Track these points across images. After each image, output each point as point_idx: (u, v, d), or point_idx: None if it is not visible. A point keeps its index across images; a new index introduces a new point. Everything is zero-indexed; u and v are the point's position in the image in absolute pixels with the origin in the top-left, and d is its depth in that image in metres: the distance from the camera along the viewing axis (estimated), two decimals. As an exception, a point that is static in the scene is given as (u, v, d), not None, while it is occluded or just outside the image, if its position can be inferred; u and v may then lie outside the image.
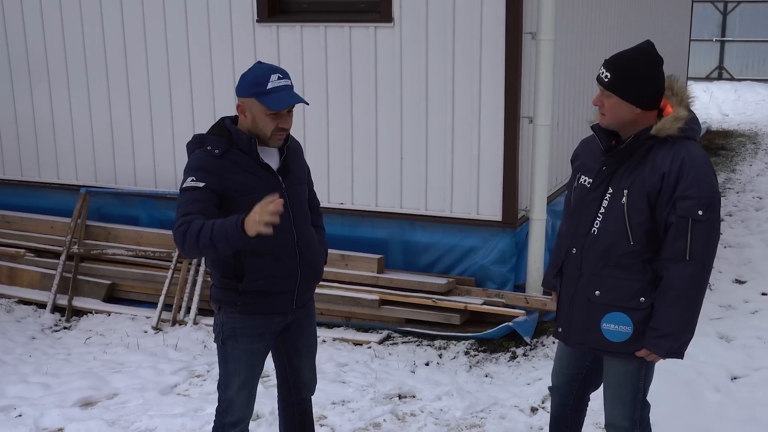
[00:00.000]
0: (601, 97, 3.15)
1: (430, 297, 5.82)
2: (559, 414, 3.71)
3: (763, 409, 4.56)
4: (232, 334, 3.35)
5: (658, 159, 3.08)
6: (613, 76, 3.08)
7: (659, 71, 3.11)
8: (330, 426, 4.56)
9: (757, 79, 20.89)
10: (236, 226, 2.93)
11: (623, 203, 3.13)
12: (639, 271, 3.18)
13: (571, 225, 3.35)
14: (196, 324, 6.03)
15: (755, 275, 6.84)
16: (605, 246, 3.19)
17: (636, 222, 3.12)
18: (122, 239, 6.71)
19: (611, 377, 3.40)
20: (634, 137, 3.11)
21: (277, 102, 3.20)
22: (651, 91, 3.10)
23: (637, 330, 3.19)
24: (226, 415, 3.43)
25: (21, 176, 7.31)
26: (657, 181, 3.06)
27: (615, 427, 3.45)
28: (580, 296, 3.29)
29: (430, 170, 5.97)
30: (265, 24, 6.16)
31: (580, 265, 3.28)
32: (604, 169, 3.20)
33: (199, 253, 3.08)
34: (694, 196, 3.03)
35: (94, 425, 4.54)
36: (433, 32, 5.76)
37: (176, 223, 3.11)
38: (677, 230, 3.05)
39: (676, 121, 3.08)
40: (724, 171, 10.73)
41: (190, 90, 6.51)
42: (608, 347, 3.26)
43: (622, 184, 3.15)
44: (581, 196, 3.29)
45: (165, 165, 6.70)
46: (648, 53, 3.10)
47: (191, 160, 3.24)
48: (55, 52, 6.91)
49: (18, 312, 6.41)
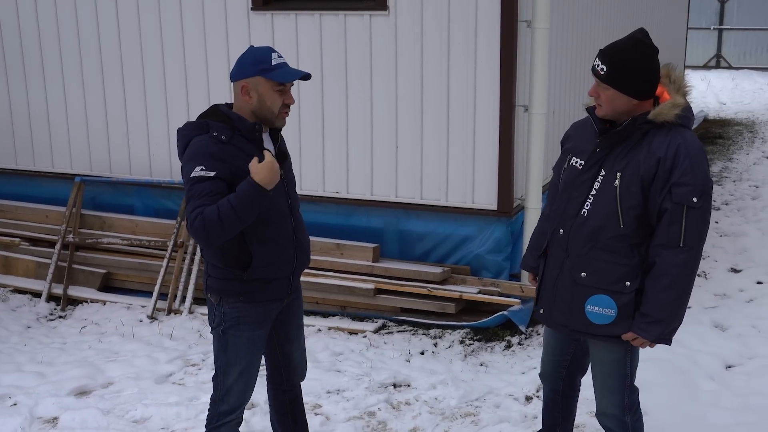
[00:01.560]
0: (597, 88, 3.14)
1: (425, 286, 5.82)
2: (550, 400, 3.74)
3: (757, 398, 4.57)
4: (235, 323, 3.34)
5: (654, 144, 3.08)
6: (609, 68, 3.07)
7: (655, 62, 3.11)
8: (325, 415, 4.56)
9: (754, 67, 20.88)
10: (251, 186, 3.05)
11: (616, 186, 3.13)
12: (627, 255, 3.17)
13: (559, 206, 3.34)
14: (192, 313, 6.03)
15: (751, 264, 6.84)
16: (594, 228, 3.19)
17: (627, 205, 3.12)
18: (117, 228, 6.70)
19: (598, 367, 3.42)
20: (630, 121, 3.11)
21: (285, 74, 3.21)
22: (647, 82, 3.10)
23: (621, 313, 3.20)
24: (222, 403, 3.44)
25: (15, 165, 7.29)
26: (652, 165, 3.06)
27: (606, 416, 3.48)
28: (565, 277, 3.30)
29: (425, 159, 5.96)
30: (259, 12, 6.13)
31: (567, 247, 3.28)
32: (598, 151, 3.20)
33: (225, 235, 3.11)
34: (690, 183, 3.03)
35: (89, 414, 4.54)
36: (429, 20, 5.74)
37: (190, 217, 3.09)
38: (672, 216, 3.05)
39: (673, 108, 3.09)
40: (720, 160, 10.73)
41: (184, 78, 6.49)
42: (591, 329, 3.27)
43: (615, 167, 3.14)
44: (572, 177, 3.29)
45: (160, 154, 6.69)
46: (643, 44, 3.09)
47: (196, 146, 3.18)
48: (49, 40, 6.88)
49: (13, 301, 6.40)
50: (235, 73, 3.25)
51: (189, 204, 3.12)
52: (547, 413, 3.80)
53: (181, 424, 4.48)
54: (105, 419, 4.51)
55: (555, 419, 3.79)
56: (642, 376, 4.73)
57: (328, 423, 4.48)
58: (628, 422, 3.45)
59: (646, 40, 3.11)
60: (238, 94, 3.24)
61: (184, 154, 3.23)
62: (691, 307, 5.94)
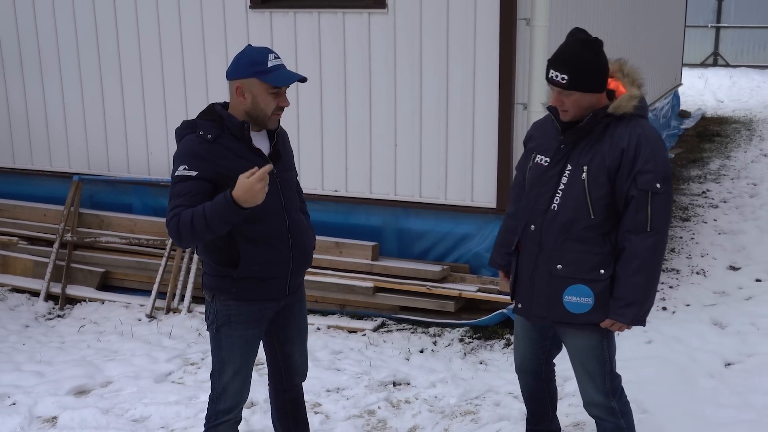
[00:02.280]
0: (560, 97, 3.26)
1: (424, 284, 5.82)
2: (535, 389, 3.83)
3: (756, 396, 4.57)
4: (226, 321, 3.34)
5: (616, 136, 3.23)
6: (569, 76, 3.19)
7: (603, 53, 3.27)
8: (325, 413, 4.56)
9: (752, 65, 20.85)
10: (226, 201, 2.97)
11: (583, 179, 3.26)
12: (598, 244, 3.31)
13: (527, 203, 3.45)
14: (190, 312, 6.02)
15: (749, 261, 6.84)
16: (566, 221, 3.32)
17: (596, 196, 3.26)
18: (115, 227, 6.69)
19: (576, 356, 3.52)
20: (592, 115, 3.25)
21: (281, 78, 3.21)
22: (604, 73, 3.25)
23: (598, 301, 3.32)
24: (219, 402, 3.44)
25: (13, 164, 7.28)
26: (617, 156, 3.21)
27: (592, 405, 3.57)
28: (541, 271, 3.42)
29: (424, 157, 5.95)
30: (258, 10, 6.12)
31: (540, 241, 3.40)
32: (563, 147, 3.33)
33: (197, 240, 3.10)
34: (652, 170, 3.19)
35: (88, 413, 4.54)
36: (427, 18, 5.73)
37: (167, 216, 3.11)
38: (638, 203, 3.20)
39: (631, 100, 3.26)
40: (718, 158, 10.73)
41: (183, 77, 6.48)
42: (570, 319, 3.38)
43: (581, 161, 3.28)
44: (538, 175, 3.40)
45: (158, 152, 6.68)
46: (589, 42, 3.24)
47: (182, 146, 3.20)
48: (47, 38, 6.87)
49: (11, 300, 6.40)
50: (230, 72, 3.24)
51: (169, 202, 3.14)
52: (535, 402, 3.89)
53: (180, 423, 4.48)
54: (104, 418, 4.51)
55: (544, 405, 3.89)
56: (641, 374, 4.76)
57: (328, 421, 4.48)
58: (615, 407, 3.54)
59: (589, 36, 3.25)
60: (233, 93, 3.24)
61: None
62: (690, 305, 5.96)
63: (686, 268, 6.71)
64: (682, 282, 6.42)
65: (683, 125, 13.06)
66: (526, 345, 3.74)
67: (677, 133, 12.39)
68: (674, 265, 6.76)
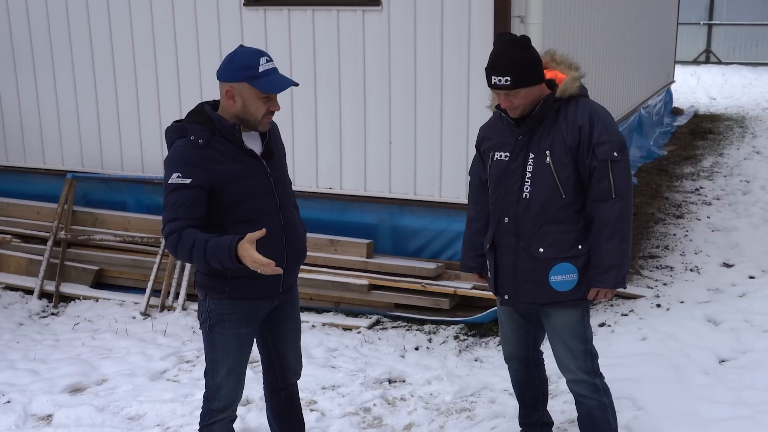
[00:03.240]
0: (507, 98, 3.40)
1: (419, 282, 5.82)
2: (524, 375, 3.92)
3: (750, 392, 4.58)
4: (219, 320, 3.33)
5: (570, 116, 3.42)
6: (512, 77, 3.33)
7: (533, 47, 3.44)
8: (320, 411, 4.56)
9: (744, 62, 20.93)
10: (230, 251, 3.01)
11: (548, 163, 3.43)
12: (573, 221, 3.48)
13: (496, 198, 3.57)
14: (185, 310, 6.02)
15: (743, 258, 6.86)
16: (540, 205, 3.46)
17: (564, 176, 3.42)
18: (109, 225, 6.68)
19: (558, 334, 3.62)
20: (543, 103, 3.41)
21: (272, 85, 3.18)
22: (540, 65, 3.44)
23: (581, 275, 3.48)
24: (214, 401, 3.43)
25: (6, 162, 7.26)
26: (576, 134, 3.40)
27: (576, 382, 3.67)
28: (522, 259, 3.53)
29: (419, 155, 5.95)
30: (252, 8, 6.12)
31: (517, 231, 3.52)
32: (521, 139, 3.47)
33: (191, 262, 3.16)
34: (608, 140, 3.38)
35: (83, 411, 4.53)
36: (422, 15, 5.73)
37: (165, 228, 3.12)
38: (600, 173, 3.39)
39: (574, 81, 3.47)
40: (711, 155, 10.76)
41: (176, 74, 6.46)
42: (558, 298, 3.51)
43: (542, 146, 3.44)
44: (501, 170, 3.54)
45: (152, 150, 6.66)
46: (518, 40, 3.41)
47: (174, 152, 3.17)
48: (39, 36, 6.84)
49: (5, 298, 6.37)
50: (221, 74, 3.20)
51: (165, 212, 3.13)
52: (526, 390, 3.95)
53: (176, 420, 4.48)
54: (100, 416, 4.50)
55: (536, 393, 3.95)
56: (636, 371, 4.78)
57: (324, 419, 4.48)
58: (598, 384, 3.67)
59: (514, 36, 3.44)
60: (223, 95, 3.21)
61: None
62: (684, 302, 5.98)
63: (680, 265, 6.73)
64: (676, 279, 6.44)
65: (676, 122, 13.10)
66: (513, 332, 3.82)
67: (670, 130, 12.42)
68: (668, 262, 6.78)
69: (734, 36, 21.48)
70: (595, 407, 3.68)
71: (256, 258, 2.97)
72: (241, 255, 3.00)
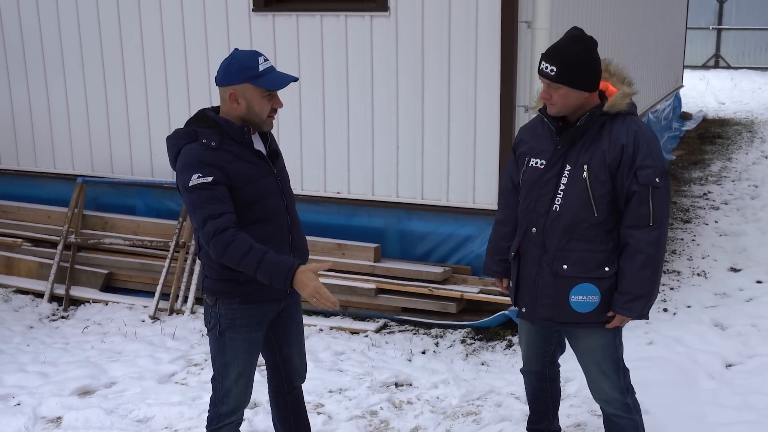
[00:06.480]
0: (548, 89, 3.28)
1: (426, 286, 5.84)
2: (539, 390, 3.88)
3: (757, 397, 4.59)
4: (230, 324, 3.34)
5: (614, 133, 3.27)
6: (558, 68, 3.21)
7: (597, 54, 3.29)
8: (327, 414, 4.58)
9: (753, 67, 20.85)
10: (287, 275, 3.05)
11: (585, 177, 3.29)
12: (602, 242, 3.34)
13: (527, 206, 3.46)
14: (194, 313, 6.05)
15: (750, 263, 6.86)
16: (569, 220, 3.33)
17: (599, 194, 3.28)
18: (119, 229, 6.72)
19: (590, 356, 3.52)
20: (588, 115, 3.27)
21: (275, 82, 3.22)
22: (593, 73, 3.28)
23: (604, 298, 3.35)
24: (222, 405, 3.44)
25: (17, 166, 7.31)
26: (618, 153, 3.25)
27: (608, 402, 3.58)
28: (545, 273, 3.42)
29: (426, 159, 5.98)
30: (260, 13, 6.15)
31: (543, 243, 3.40)
32: (560, 148, 3.35)
33: (232, 266, 3.14)
34: (651, 165, 3.24)
35: (92, 414, 4.56)
36: (429, 21, 5.76)
37: (207, 226, 3.08)
38: (640, 198, 3.24)
39: (624, 98, 3.32)
40: (720, 159, 10.75)
41: (186, 79, 6.50)
42: (576, 318, 3.40)
43: (580, 160, 3.30)
44: (535, 178, 3.42)
45: (161, 154, 6.70)
46: (584, 39, 3.26)
47: (188, 155, 3.19)
48: (51, 41, 6.90)
49: (15, 301, 6.42)
50: (221, 79, 3.23)
51: (198, 212, 3.11)
52: (537, 401, 3.94)
53: (184, 423, 4.51)
54: (108, 419, 4.54)
55: (546, 404, 3.93)
56: (642, 375, 4.78)
57: (331, 422, 4.50)
58: (630, 403, 3.57)
59: (585, 35, 3.28)
60: (226, 100, 3.24)
61: (176, 162, 3.23)
62: (691, 306, 5.98)
63: (687, 269, 6.73)
64: (683, 283, 6.44)
65: (684, 127, 13.08)
66: (530, 347, 3.76)
67: (678, 135, 12.40)
68: (675, 266, 6.78)
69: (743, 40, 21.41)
70: (628, 427, 3.59)
71: (323, 292, 3.02)
72: (301, 281, 3.03)
